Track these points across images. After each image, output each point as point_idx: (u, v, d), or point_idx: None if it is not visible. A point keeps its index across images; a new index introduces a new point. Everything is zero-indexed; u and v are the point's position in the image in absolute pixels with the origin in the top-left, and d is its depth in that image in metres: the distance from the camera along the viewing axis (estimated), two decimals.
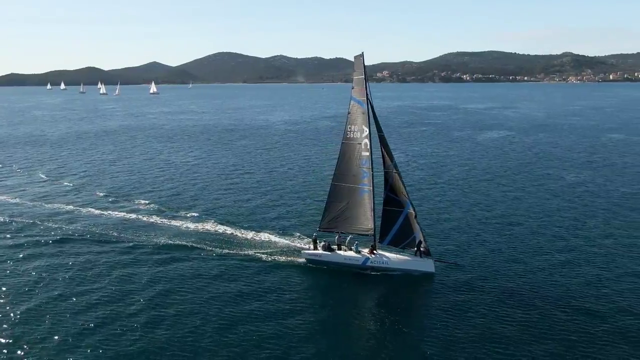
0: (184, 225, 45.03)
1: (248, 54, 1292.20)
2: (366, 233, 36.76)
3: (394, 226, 35.75)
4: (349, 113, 36.34)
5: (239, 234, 42.48)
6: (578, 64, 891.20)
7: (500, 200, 54.26)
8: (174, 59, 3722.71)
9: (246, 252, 38.22)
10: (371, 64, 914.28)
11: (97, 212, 49.99)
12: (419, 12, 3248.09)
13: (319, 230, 38.06)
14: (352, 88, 36.15)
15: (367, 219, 36.50)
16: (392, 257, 35.47)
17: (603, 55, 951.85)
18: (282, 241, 40.66)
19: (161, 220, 46.94)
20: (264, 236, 41.78)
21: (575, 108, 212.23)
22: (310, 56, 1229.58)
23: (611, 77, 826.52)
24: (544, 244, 40.34)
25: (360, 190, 36.42)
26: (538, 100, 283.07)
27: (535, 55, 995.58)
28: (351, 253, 36.35)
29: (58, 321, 27.93)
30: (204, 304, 30.03)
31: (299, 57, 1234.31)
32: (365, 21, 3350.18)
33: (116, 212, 49.57)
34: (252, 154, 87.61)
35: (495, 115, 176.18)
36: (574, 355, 24.56)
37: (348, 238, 37.12)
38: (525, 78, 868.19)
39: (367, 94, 35.31)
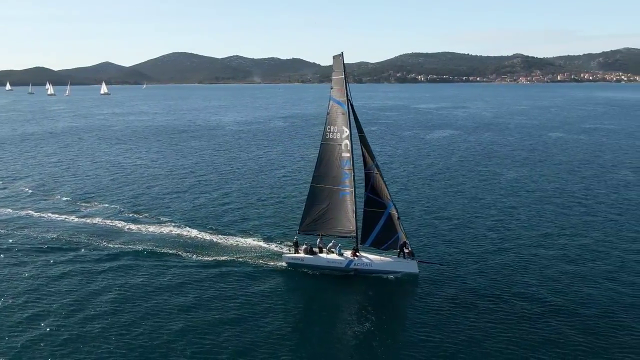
0: (155, 231, 43.32)
1: (204, 54, 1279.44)
2: (348, 235, 36.12)
3: (376, 227, 35.22)
4: (328, 114, 35.56)
5: (214, 239, 41.07)
6: (528, 65, 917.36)
7: (441, 196, 56.11)
8: (127, 59, 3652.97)
9: (223, 258, 37.02)
10: (327, 64, 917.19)
11: (58, 217, 48.22)
12: (375, 14, 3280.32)
13: (299, 233, 37.04)
14: (331, 88, 35.34)
15: (348, 220, 35.90)
16: (375, 259, 34.96)
17: (551, 56, 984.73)
18: (261, 245, 39.45)
19: (129, 225, 45.33)
20: (241, 241, 40.54)
21: (522, 108, 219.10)
22: (266, 57, 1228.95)
23: (559, 77, 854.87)
24: (497, 239, 42.06)
25: (341, 191, 35.76)
26: (487, 100, 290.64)
27: (488, 57, 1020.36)
28: (334, 256, 35.50)
29: (21, 331, 27.07)
30: (183, 311, 29.17)
31: (255, 58, 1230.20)
32: (321, 22, 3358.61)
33: (78, 218, 47.73)
34: (207, 155, 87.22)
35: (445, 115, 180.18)
36: (556, 353, 25.04)
37: (332, 242, 36.42)
38: (478, 79, 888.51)
39: (347, 94, 34.72)
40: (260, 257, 37.11)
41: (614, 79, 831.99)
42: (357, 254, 35.20)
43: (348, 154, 35.26)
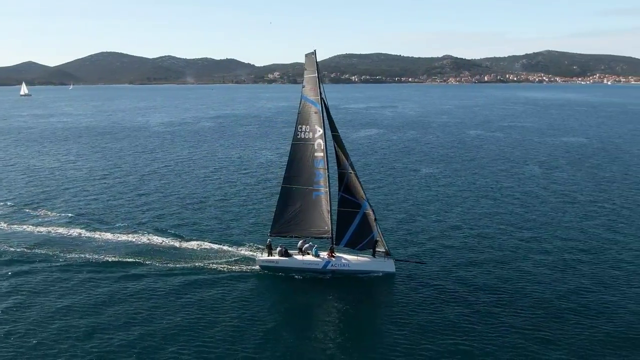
0: (112, 239, 40.91)
1: (134, 54, 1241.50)
2: (323, 236, 35.44)
3: (350, 227, 34.75)
4: (299, 113, 34.76)
5: (180, 245, 39.32)
6: (457, 66, 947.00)
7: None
8: (52, 59, 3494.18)
9: (192, 265, 35.47)
10: (262, 65, 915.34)
11: (3, 225, 45.08)
12: (309, 15, 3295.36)
13: (270, 236, 36.10)
14: (303, 87, 34.67)
15: (323, 221, 35.15)
16: (352, 259, 34.55)
17: (479, 58, 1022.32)
18: (231, 250, 38.15)
19: (82, 233, 42.64)
20: (209, 246, 38.98)
21: (447, 107, 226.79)
22: (200, 57, 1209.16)
23: (486, 78, 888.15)
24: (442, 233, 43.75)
25: (314, 192, 35.02)
26: (416, 100, 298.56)
27: (419, 58, 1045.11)
28: (310, 257, 34.86)
29: None
30: (152, 322, 27.97)
31: (188, 58, 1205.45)
32: (255, 22, 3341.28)
33: (23, 227, 44.56)
34: (129, 157, 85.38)
35: (373, 114, 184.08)
36: (533, 347, 25.39)
37: (308, 243, 35.86)
38: (410, 79, 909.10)
39: (320, 93, 34.08)
40: (232, 262, 35.89)
41: (537, 79, 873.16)
42: (334, 254, 34.80)
43: (322, 154, 34.52)
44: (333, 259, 34.54)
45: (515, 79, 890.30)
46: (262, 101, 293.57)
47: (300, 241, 35.80)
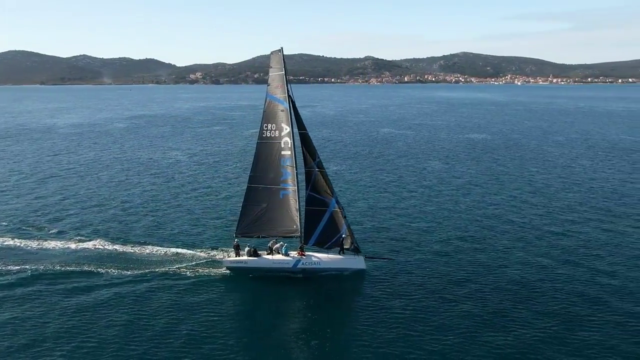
0: (63, 247, 38.59)
1: (47, 53, 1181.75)
2: (292, 235, 35.04)
3: (318, 226, 34.50)
4: (264, 111, 34.30)
5: (137, 251, 37.76)
6: (378, 67, 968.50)
7: None
8: None
9: (152, 270, 34.12)
10: (184, 65, 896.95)
11: None
12: (232, 15, 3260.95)
13: (235, 237, 35.38)
14: (268, 85, 34.27)
15: (291, 220, 34.72)
16: (323, 257, 34.31)
17: (399, 59, 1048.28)
18: (194, 253, 36.97)
19: (28, 243, 39.85)
20: (170, 251, 37.55)
21: (364, 106, 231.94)
22: (117, 56, 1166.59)
23: (406, 79, 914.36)
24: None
25: (281, 190, 34.58)
26: (336, 100, 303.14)
27: (341, 59, 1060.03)
28: (280, 256, 34.41)
29: None
30: (114, 332, 26.70)
31: (105, 58, 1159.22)
32: (177, 22, 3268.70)
33: None
34: (40, 159, 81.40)
35: None
36: (502, 343, 25.64)
37: (279, 243, 35.34)
38: (332, 80, 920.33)
39: (287, 90, 33.62)
40: (196, 266, 34.82)
41: (453, 80, 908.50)
42: (304, 253, 34.50)
43: (289, 152, 34.09)
44: (303, 257, 34.28)
45: (433, 79, 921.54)
46: (180, 102, 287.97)
47: (271, 241, 35.40)
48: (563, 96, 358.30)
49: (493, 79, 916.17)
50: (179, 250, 37.83)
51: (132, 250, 38.06)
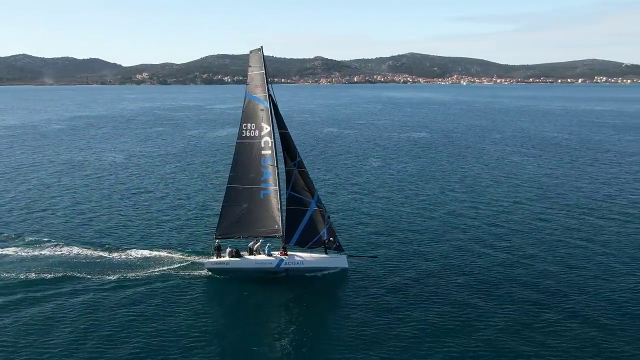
0: (38, 254, 36.66)
1: None
2: (274, 235, 34.67)
3: (299, 226, 34.35)
4: (243, 111, 33.95)
5: (116, 257, 36.30)
6: (328, 67, 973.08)
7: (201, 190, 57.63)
8: None
9: (132, 275, 32.93)
10: (130, 65, 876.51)
11: None
12: (181, 14, 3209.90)
13: (215, 238, 34.78)
14: (247, 84, 33.82)
15: (273, 220, 34.37)
16: (305, 257, 34.09)
17: (348, 59, 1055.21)
18: (174, 256, 35.88)
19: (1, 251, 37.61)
20: (149, 255, 36.33)
21: (311, 106, 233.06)
22: (60, 56, 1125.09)
23: (355, 79, 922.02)
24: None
25: (262, 190, 34.17)
26: (284, 100, 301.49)
27: (291, 59, 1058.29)
28: (263, 256, 34.03)
29: None
30: (96, 338, 25.58)
31: (47, 57, 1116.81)
32: (123, 20, 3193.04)
33: None
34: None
35: (237, 114, 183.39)
36: (487, 340, 25.54)
37: (260, 242, 34.85)
38: (283, 80, 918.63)
39: (268, 89, 33.30)
40: (177, 269, 33.86)
41: (401, 80, 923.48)
42: (287, 252, 34.16)
43: (270, 152, 33.78)
44: (286, 257, 34.00)
45: (382, 79, 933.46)
46: (125, 102, 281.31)
47: (252, 241, 34.89)
48: (505, 96, 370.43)
49: (440, 79, 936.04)
50: (157, 253, 36.74)
51: (108, 256, 36.61)
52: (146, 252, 36.90)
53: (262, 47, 33.90)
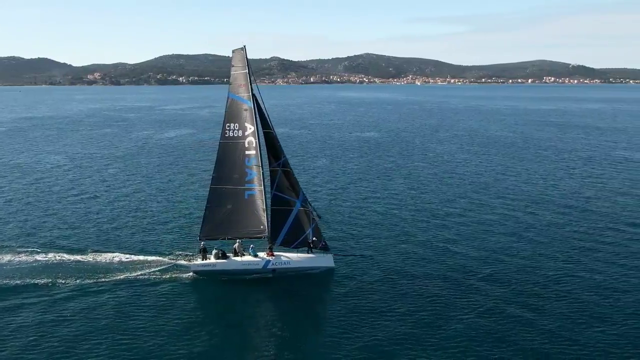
0: (13, 260, 35.02)
1: None
2: (259, 235, 34.36)
3: (284, 226, 34.20)
4: (226, 111, 33.45)
5: (94, 260, 35.01)
6: (284, 67, 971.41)
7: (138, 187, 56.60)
8: None
9: (116, 279, 31.82)
10: (81, 65, 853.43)
11: None
12: (132, 12, 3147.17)
13: (199, 240, 34.27)
14: (230, 84, 33.20)
15: (258, 220, 34.07)
16: (292, 257, 33.99)
17: (305, 60, 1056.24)
18: (158, 260, 34.89)
19: None
20: (132, 258, 35.26)
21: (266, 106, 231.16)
22: (6, 55, 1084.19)
23: (312, 79, 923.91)
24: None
25: (247, 191, 33.80)
26: None
27: (248, 59, 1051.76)
28: (249, 258, 33.68)
29: None
30: (81, 344, 24.78)
31: None
32: (73, 18, 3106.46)
33: None
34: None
35: (188, 114, 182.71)
36: (473, 340, 25.50)
37: (239, 242, 34.24)
38: None
39: (251, 89, 32.90)
40: (161, 272, 33.00)
41: (357, 80, 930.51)
42: (273, 253, 33.89)
43: (254, 152, 33.41)
44: (273, 257, 33.79)
45: (338, 80, 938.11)
46: (74, 103, 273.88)
47: (237, 243, 34.32)
48: (457, 95, 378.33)
49: (395, 80, 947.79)
50: (140, 257, 35.69)
51: (90, 259, 35.37)
52: (128, 256, 35.87)
53: (244, 46, 33.77)
